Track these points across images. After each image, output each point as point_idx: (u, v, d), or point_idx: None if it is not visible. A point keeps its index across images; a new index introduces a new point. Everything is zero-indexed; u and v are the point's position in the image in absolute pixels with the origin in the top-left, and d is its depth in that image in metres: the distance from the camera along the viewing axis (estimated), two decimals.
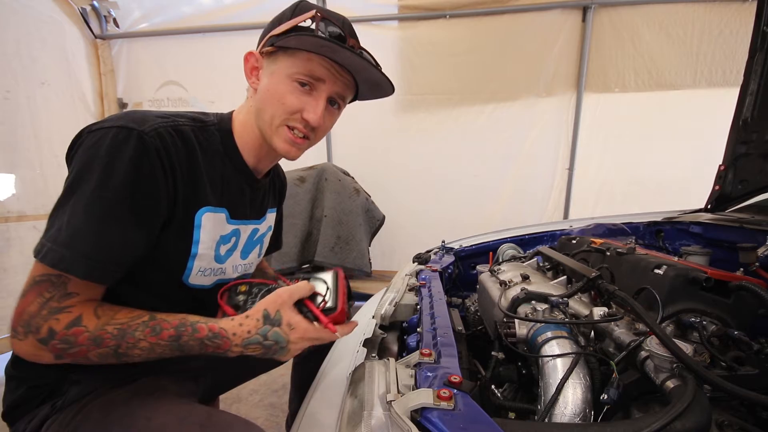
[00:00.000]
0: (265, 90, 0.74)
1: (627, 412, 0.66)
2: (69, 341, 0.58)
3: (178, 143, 0.68)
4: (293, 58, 0.72)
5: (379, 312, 1.03)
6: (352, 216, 2.76)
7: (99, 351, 0.60)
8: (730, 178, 1.49)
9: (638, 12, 2.85)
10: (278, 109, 0.74)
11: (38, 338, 0.58)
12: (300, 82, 0.72)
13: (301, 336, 0.68)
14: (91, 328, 0.60)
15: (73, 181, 0.61)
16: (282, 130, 0.75)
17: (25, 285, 0.60)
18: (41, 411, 0.71)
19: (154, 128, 0.65)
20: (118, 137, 0.62)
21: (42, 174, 2.73)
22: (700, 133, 2.79)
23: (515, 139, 3.16)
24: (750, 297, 0.73)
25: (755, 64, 1.36)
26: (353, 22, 0.80)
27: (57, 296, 0.59)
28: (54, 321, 0.58)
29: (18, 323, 0.58)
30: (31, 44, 2.68)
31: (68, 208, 0.60)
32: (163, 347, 0.62)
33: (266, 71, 0.75)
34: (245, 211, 0.84)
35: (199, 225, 0.73)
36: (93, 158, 0.61)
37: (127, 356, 0.62)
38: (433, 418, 0.50)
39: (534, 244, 1.72)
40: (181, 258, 0.73)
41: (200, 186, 0.72)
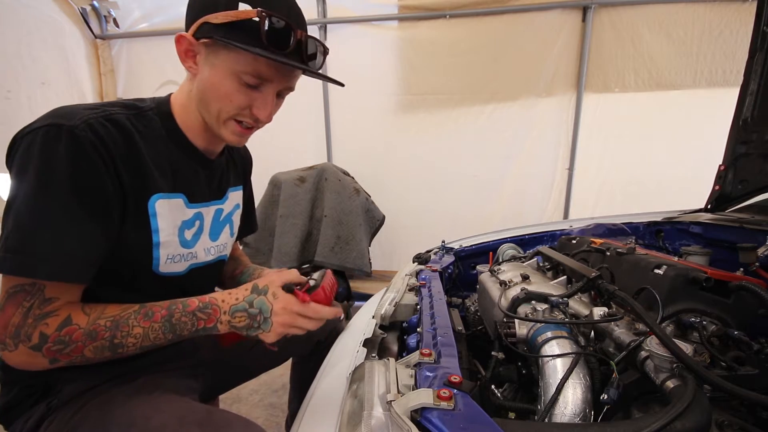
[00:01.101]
0: (208, 83, 0.71)
1: (627, 412, 0.66)
2: (63, 341, 0.59)
3: (113, 132, 0.65)
4: (236, 54, 0.67)
5: (379, 312, 1.03)
6: (352, 216, 2.76)
7: (94, 345, 0.61)
8: (730, 178, 1.49)
9: (638, 12, 2.85)
10: (226, 105, 0.71)
11: (30, 346, 0.58)
12: (246, 83, 0.70)
13: (283, 306, 0.68)
14: (84, 324, 0.61)
15: (15, 187, 0.61)
16: (230, 123, 0.74)
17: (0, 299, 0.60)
18: (37, 411, 0.71)
19: (84, 120, 0.63)
20: (48, 136, 0.60)
21: None
22: (700, 133, 2.79)
23: (515, 139, 3.16)
24: (750, 297, 0.73)
25: (755, 64, 1.36)
26: (353, 22, 0.80)
27: (37, 303, 0.59)
28: (44, 326, 0.59)
29: (5, 336, 0.58)
30: (32, 44, 2.68)
31: (15, 214, 0.59)
32: (157, 330, 0.64)
33: (206, 61, 0.70)
34: (204, 193, 0.83)
35: (154, 213, 0.72)
36: (28, 161, 0.60)
37: (122, 346, 0.63)
38: (433, 418, 0.50)
39: (534, 244, 1.72)
40: (145, 248, 0.73)
41: (146, 174, 0.70)
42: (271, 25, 0.65)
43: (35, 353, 0.59)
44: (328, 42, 3.17)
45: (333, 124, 3.33)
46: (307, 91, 3.27)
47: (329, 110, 3.31)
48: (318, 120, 3.33)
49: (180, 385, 0.84)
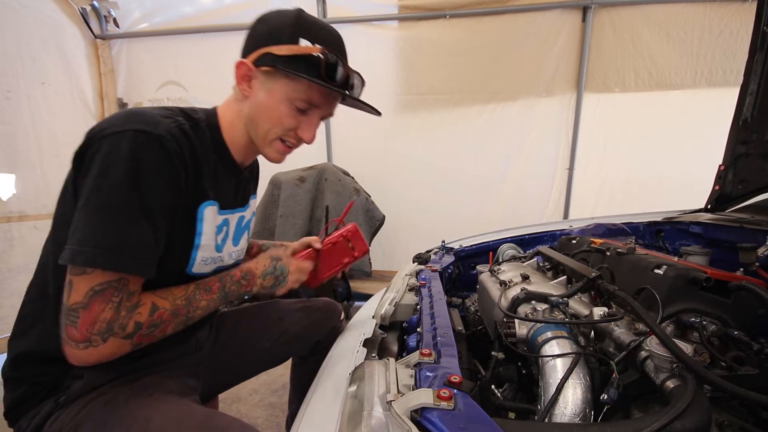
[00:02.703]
0: (262, 105, 0.79)
1: (627, 412, 0.66)
2: (156, 324, 0.69)
3: (185, 143, 0.72)
4: (294, 82, 0.76)
5: (379, 312, 1.03)
6: (352, 216, 2.76)
7: (176, 321, 0.72)
8: (730, 178, 1.49)
9: (638, 12, 2.85)
10: (275, 127, 0.80)
11: (123, 336, 0.65)
12: (298, 108, 0.79)
13: (297, 266, 0.95)
14: (168, 307, 0.71)
15: (99, 185, 0.63)
16: (276, 143, 0.83)
17: (81, 297, 0.62)
18: (44, 407, 0.72)
19: (168, 130, 0.69)
20: (138, 141, 0.65)
21: (42, 174, 2.74)
22: (700, 133, 2.79)
23: (515, 139, 3.16)
24: (750, 297, 0.73)
25: (755, 64, 1.36)
26: (353, 22, 0.82)
27: (125, 297, 0.65)
28: (137, 316, 0.66)
29: (92, 332, 0.62)
30: (32, 44, 2.68)
31: (102, 211, 0.63)
32: (216, 300, 0.79)
33: (262, 85, 0.78)
34: (233, 201, 0.90)
35: (201, 218, 0.78)
36: (116, 162, 0.63)
37: (193, 318, 0.75)
38: (433, 418, 0.50)
39: (534, 244, 1.72)
40: (186, 249, 0.78)
41: (201, 181, 0.76)
42: (327, 60, 0.75)
43: (125, 341, 0.66)
44: None
45: (333, 124, 3.33)
46: None
47: None
48: None
49: (181, 385, 0.85)
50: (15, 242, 2.51)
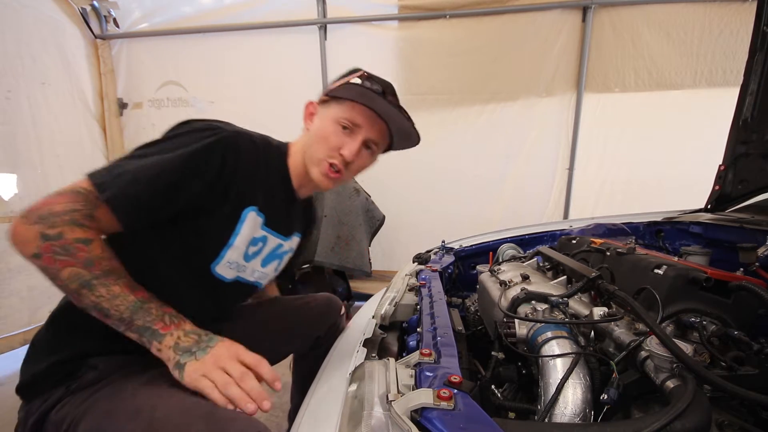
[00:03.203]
0: (315, 130, 0.89)
1: (627, 412, 0.66)
2: (69, 251, 0.63)
3: (248, 147, 0.82)
4: (341, 105, 0.86)
5: (379, 312, 1.03)
6: (352, 216, 2.76)
7: (77, 271, 0.63)
8: (730, 178, 1.49)
9: (638, 12, 2.84)
10: (322, 146, 0.87)
11: (43, 232, 0.62)
12: (342, 125, 0.86)
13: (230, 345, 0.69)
14: (94, 253, 0.65)
15: (150, 142, 0.74)
16: (323, 164, 0.88)
17: (64, 188, 0.67)
18: (56, 393, 0.73)
19: (236, 131, 0.80)
20: (204, 127, 0.76)
21: (43, 173, 2.73)
22: (700, 133, 2.78)
23: (515, 139, 3.15)
24: (750, 297, 0.73)
25: (755, 64, 1.36)
26: (353, 23, 0.84)
27: (83, 211, 0.65)
28: (69, 229, 0.64)
29: (35, 211, 0.64)
30: (32, 44, 2.68)
31: (134, 158, 0.71)
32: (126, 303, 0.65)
33: (319, 116, 0.91)
34: (278, 224, 0.93)
35: (243, 219, 0.83)
36: (177, 134, 0.76)
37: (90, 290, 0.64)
38: (433, 418, 0.50)
39: (534, 244, 1.72)
40: (219, 244, 0.82)
41: (255, 187, 0.84)
42: (363, 84, 0.86)
43: (39, 239, 0.62)
44: (328, 42, 3.17)
45: None
46: (308, 91, 3.26)
47: None
48: None
49: None
50: None
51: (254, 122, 3.71)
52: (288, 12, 3.17)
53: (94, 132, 3.30)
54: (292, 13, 3.17)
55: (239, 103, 3.37)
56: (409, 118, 0.92)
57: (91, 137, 3.27)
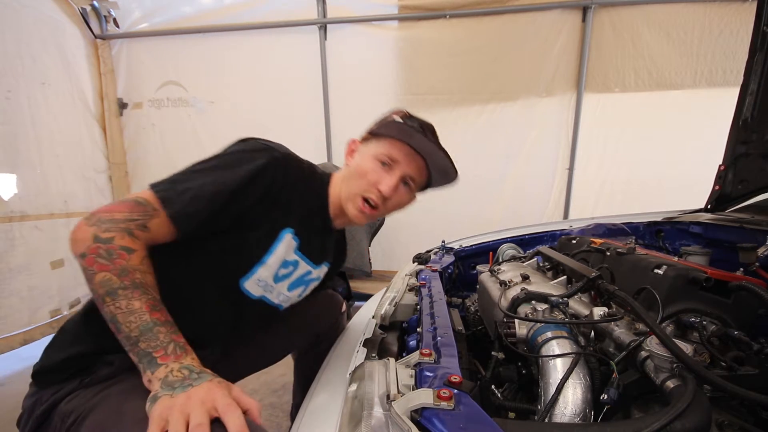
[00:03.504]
0: (354, 166, 0.92)
1: (627, 412, 0.66)
2: (110, 256, 0.66)
3: (295, 171, 0.87)
4: (380, 142, 0.90)
5: (379, 312, 1.03)
6: None
7: (111, 277, 0.65)
8: (730, 178, 1.49)
9: (638, 12, 2.84)
10: (360, 181, 0.90)
11: (97, 234, 0.66)
12: (381, 161, 0.89)
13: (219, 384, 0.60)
14: (132, 264, 0.67)
15: (209, 158, 0.80)
16: (357, 199, 0.90)
17: (128, 196, 0.73)
18: (69, 385, 0.74)
19: (287, 153, 0.85)
20: (258, 147, 0.82)
21: (43, 174, 2.73)
22: (700, 133, 2.78)
23: (515, 139, 3.15)
24: (750, 297, 0.73)
25: (755, 64, 1.36)
26: (353, 22, 0.84)
27: (139, 221, 0.70)
28: (119, 235, 0.67)
29: (97, 214, 0.69)
30: (32, 44, 2.68)
31: (194, 172, 0.77)
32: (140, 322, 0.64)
33: (359, 153, 0.94)
34: (311, 251, 0.95)
35: (280, 239, 0.86)
36: (234, 151, 0.81)
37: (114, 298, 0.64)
38: (433, 418, 0.50)
39: (534, 244, 1.72)
40: (252, 260, 0.85)
41: (294, 211, 0.87)
42: (405, 122, 0.89)
43: (89, 240, 0.66)
44: (328, 42, 3.17)
45: (333, 124, 3.33)
46: (308, 91, 3.27)
47: (329, 110, 3.31)
48: (318, 120, 3.33)
49: None
50: (16, 242, 2.51)
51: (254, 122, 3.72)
52: (288, 12, 3.17)
53: (94, 132, 3.30)
54: (292, 13, 3.17)
55: (239, 103, 3.37)
56: (448, 156, 0.94)
57: (91, 137, 3.27)
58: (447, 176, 1.00)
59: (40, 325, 2.59)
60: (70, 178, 2.99)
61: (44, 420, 0.73)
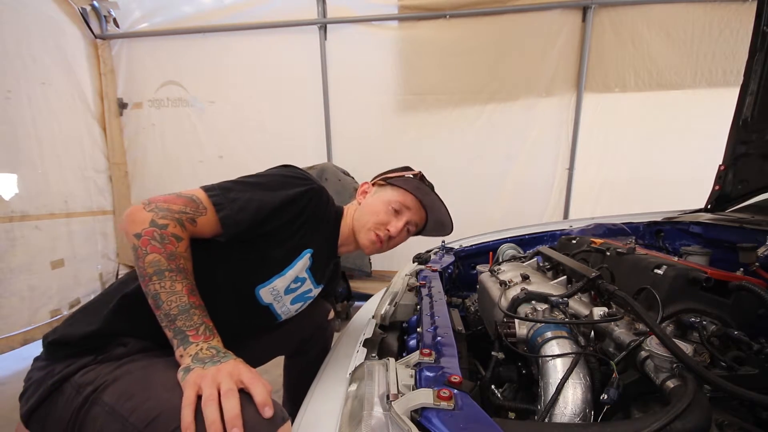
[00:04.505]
0: (369, 205, 1.08)
1: (627, 412, 0.66)
2: (162, 240, 0.74)
3: (325, 202, 1.01)
4: (395, 191, 1.08)
5: (379, 312, 1.03)
6: None
7: (160, 259, 0.73)
8: (730, 178, 1.49)
9: (638, 12, 2.85)
10: (373, 219, 1.05)
11: (154, 219, 0.75)
12: (394, 208, 1.06)
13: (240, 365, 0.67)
14: (179, 250, 0.76)
15: (261, 175, 0.94)
16: (370, 233, 1.05)
17: (186, 192, 0.82)
18: (82, 360, 0.77)
19: (321, 187, 1.00)
20: (303, 176, 0.97)
21: (43, 174, 2.74)
22: (699, 133, 2.79)
23: (515, 139, 3.16)
24: (750, 297, 0.73)
25: (755, 64, 1.36)
26: (353, 22, 0.84)
27: (190, 215, 0.79)
28: (172, 224, 0.76)
29: (155, 202, 0.78)
30: (32, 44, 2.68)
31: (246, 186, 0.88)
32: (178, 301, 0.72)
33: (373, 195, 1.11)
34: (317, 271, 1.06)
35: (301, 257, 0.98)
36: (282, 176, 0.94)
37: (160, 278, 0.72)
38: (433, 418, 0.50)
39: (534, 244, 1.72)
40: (273, 270, 0.95)
41: (317, 235, 1.00)
42: (423, 181, 1.09)
43: (144, 223, 0.74)
44: (328, 42, 3.18)
45: (333, 124, 3.33)
46: (308, 91, 3.27)
47: (329, 110, 3.31)
48: (318, 120, 3.33)
49: None
50: (17, 242, 2.51)
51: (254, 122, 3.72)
52: (288, 12, 3.18)
53: (94, 132, 3.30)
54: (292, 13, 3.17)
55: (239, 103, 3.37)
56: (449, 213, 1.14)
57: (91, 137, 3.27)
58: (443, 230, 1.18)
59: (40, 325, 2.59)
60: (70, 177, 3.00)
61: (54, 390, 0.74)
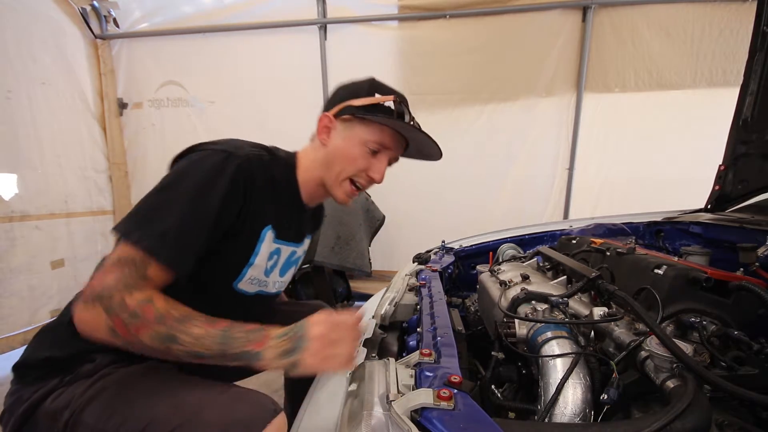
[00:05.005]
0: (338, 149, 0.88)
1: (627, 412, 0.66)
2: (137, 315, 0.63)
3: (260, 170, 0.82)
4: (368, 128, 0.87)
5: (379, 312, 1.03)
6: (352, 216, 2.76)
7: (157, 330, 0.63)
8: (730, 178, 1.49)
9: (638, 12, 2.84)
10: (348, 167, 0.88)
11: (107, 306, 0.62)
12: (371, 149, 0.88)
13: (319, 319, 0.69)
14: (160, 308, 0.65)
15: (172, 183, 0.73)
16: (345, 183, 0.90)
17: (107, 261, 0.67)
18: (49, 384, 0.73)
19: (248, 157, 0.79)
20: (218, 158, 0.75)
21: (43, 174, 2.74)
22: (700, 133, 2.78)
23: (515, 139, 3.15)
24: (750, 297, 0.73)
25: (755, 64, 1.36)
26: (353, 22, 0.83)
27: (136, 276, 0.66)
28: (128, 295, 0.64)
29: (91, 292, 0.64)
30: (32, 44, 2.68)
31: (165, 205, 0.70)
32: (213, 337, 0.65)
33: (340, 134, 0.89)
34: (289, 234, 0.94)
35: (262, 239, 0.85)
36: (197, 170, 0.74)
37: (177, 341, 0.64)
38: (433, 418, 0.50)
39: (534, 244, 1.72)
40: (240, 264, 0.85)
41: (268, 207, 0.85)
42: (398, 108, 0.86)
43: (107, 315, 0.62)
44: (328, 42, 3.17)
45: None
46: (308, 91, 3.27)
47: None
48: None
49: None
50: (16, 242, 2.51)
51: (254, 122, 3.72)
52: (288, 12, 3.17)
53: (94, 132, 3.30)
54: (292, 13, 3.17)
55: (239, 103, 3.37)
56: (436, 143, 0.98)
57: (91, 137, 3.27)
58: (429, 158, 1.03)
59: (40, 325, 2.57)
60: (70, 177, 2.99)
61: (27, 419, 0.72)
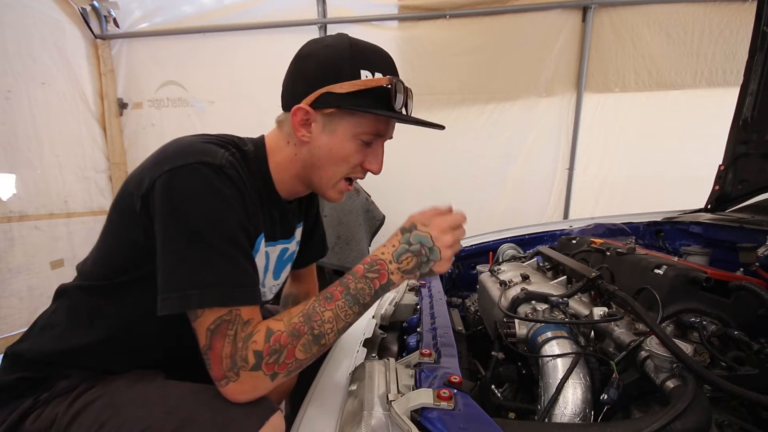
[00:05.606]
0: (325, 149, 0.74)
1: (627, 412, 0.66)
2: (276, 350, 0.61)
3: (240, 172, 0.69)
4: (359, 118, 0.71)
5: (379, 312, 1.03)
6: (352, 216, 2.75)
7: (301, 342, 0.62)
8: (730, 178, 1.49)
9: (638, 12, 2.84)
10: (342, 167, 0.76)
11: (250, 368, 0.60)
12: (364, 141, 0.74)
13: (439, 228, 0.69)
14: (283, 328, 0.62)
15: (179, 227, 0.62)
16: (341, 183, 0.79)
17: (204, 340, 0.61)
18: (22, 404, 0.70)
19: (226, 159, 0.67)
20: (203, 173, 0.63)
21: (42, 174, 2.74)
22: (700, 133, 2.78)
23: (515, 139, 3.15)
24: (750, 297, 0.73)
25: (755, 64, 1.36)
26: (353, 23, 0.81)
27: (240, 327, 0.61)
28: (253, 344, 0.60)
29: (224, 370, 0.60)
30: (32, 44, 2.68)
31: (194, 251, 0.62)
32: (343, 307, 0.65)
33: (324, 128, 0.73)
34: (275, 234, 0.85)
35: (257, 250, 0.76)
36: (190, 200, 0.62)
37: (323, 335, 0.63)
38: (433, 418, 0.50)
39: (534, 244, 1.72)
40: None
41: (258, 210, 0.75)
42: (395, 89, 0.70)
43: (256, 373, 0.60)
44: None
45: None
46: None
47: None
48: None
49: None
50: (15, 242, 2.51)
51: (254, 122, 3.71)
52: (288, 12, 3.17)
53: (94, 132, 3.30)
54: (292, 13, 3.17)
55: (239, 103, 3.36)
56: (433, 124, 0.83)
57: (91, 137, 3.27)
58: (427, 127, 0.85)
59: None
60: (70, 178, 2.99)
61: None
